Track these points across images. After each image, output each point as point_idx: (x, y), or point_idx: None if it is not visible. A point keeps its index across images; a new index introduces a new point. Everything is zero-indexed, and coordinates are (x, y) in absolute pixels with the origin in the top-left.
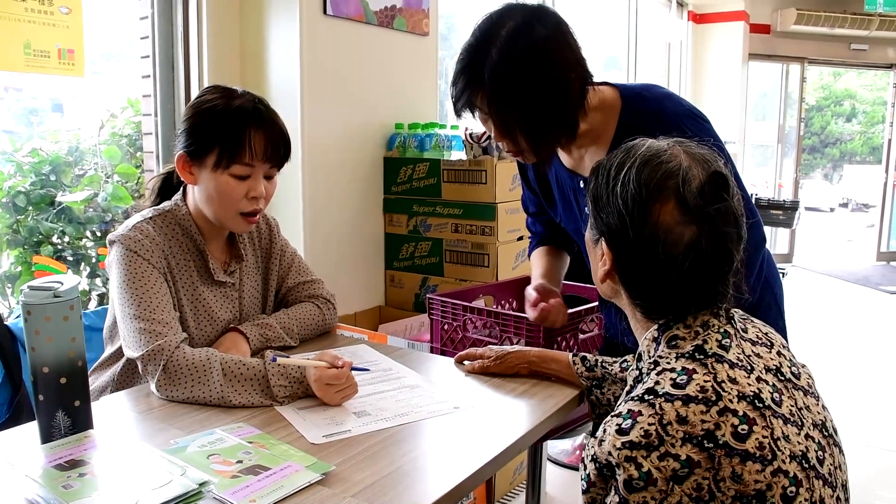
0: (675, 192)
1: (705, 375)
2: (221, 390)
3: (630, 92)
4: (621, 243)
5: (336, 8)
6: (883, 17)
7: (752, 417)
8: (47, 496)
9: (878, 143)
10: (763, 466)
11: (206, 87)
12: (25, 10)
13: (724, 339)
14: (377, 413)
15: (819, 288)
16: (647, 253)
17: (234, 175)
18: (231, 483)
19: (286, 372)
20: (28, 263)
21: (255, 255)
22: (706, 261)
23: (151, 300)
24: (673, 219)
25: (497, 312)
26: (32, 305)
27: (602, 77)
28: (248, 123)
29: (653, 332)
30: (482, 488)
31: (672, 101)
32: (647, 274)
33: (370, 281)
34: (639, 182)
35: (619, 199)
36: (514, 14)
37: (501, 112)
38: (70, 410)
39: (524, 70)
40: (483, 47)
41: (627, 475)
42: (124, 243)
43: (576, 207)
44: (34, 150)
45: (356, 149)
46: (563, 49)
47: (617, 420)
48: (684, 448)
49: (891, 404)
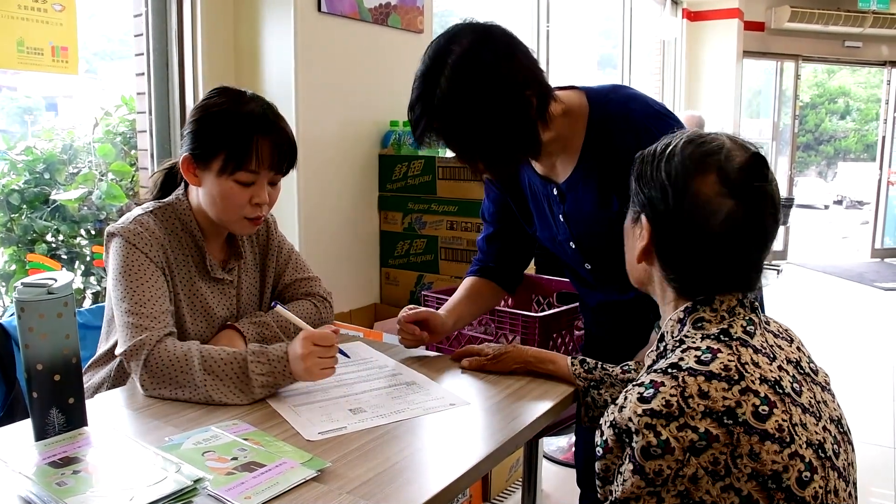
0: (716, 166)
1: (729, 356)
2: (204, 384)
3: (596, 95)
4: (661, 215)
5: (330, 5)
6: (876, 15)
7: (772, 400)
8: (41, 493)
9: (872, 141)
10: (781, 448)
11: (214, 88)
12: (19, 7)
13: (748, 325)
14: (373, 410)
15: (814, 285)
16: (686, 224)
17: (238, 181)
18: (226, 480)
19: (265, 352)
20: (22, 262)
21: (252, 253)
22: (742, 236)
23: (144, 294)
24: (713, 191)
25: (493, 310)
26: (26, 302)
27: (599, 77)
28: (255, 130)
29: (679, 313)
30: (478, 485)
31: (638, 102)
32: (684, 247)
33: (365, 278)
34: (683, 156)
35: (662, 173)
36: (462, 37)
37: (457, 139)
38: (64, 408)
39: (474, 96)
40: (433, 74)
41: (646, 441)
42: (123, 235)
43: (549, 215)
44: (28, 148)
45: (351, 146)
46: (515, 69)
47: (639, 389)
48: (703, 422)
49: (885, 401)
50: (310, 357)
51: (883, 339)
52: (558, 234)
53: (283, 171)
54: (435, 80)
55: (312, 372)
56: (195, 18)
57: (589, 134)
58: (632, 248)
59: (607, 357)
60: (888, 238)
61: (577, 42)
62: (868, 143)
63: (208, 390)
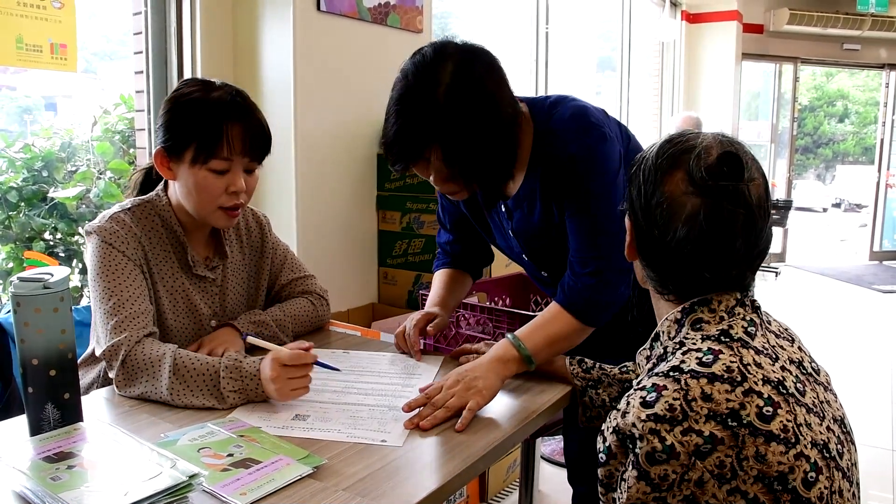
0: (686, 164)
1: (731, 357)
2: (170, 387)
3: (539, 108)
4: (636, 213)
5: (329, 4)
6: (875, 18)
7: (776, 401)
8: (35, 488)
9: (870, 144)
10: (787, 449)
11: (183, 80)
12: (18, 3)
13: (749, 326)
14: (318, 422)
15: (812, 287)
16: (655, 222)
17: (212, 170)
18: (222, 476)
19: (239, 368)
20: (20, 259)
21: (241, 253)
22: (708, 234)
23: (123, 293)
24: (678, 189)
25: (491, 309)
26: (22, 297)
27: (599, 79)
28: (225, 117)
29: (675, 313)
30: (475, 485)
31: (579, 113)
32: (655, 244)
33: (363, 278)
34: (658, 155)
35: (641, 173)
36: (449, 54)
37: (458, 158)
38: (60, 403)
39: (474, 113)
40: (426, 92)
41: (651, 447)
42: (100, 234)
43: (503, 226)
44: (26, 145)
45: (349, 145)
46: (501, 85)
47: (641, 393)
48: (708, 425)
49: (883, 403)
50: (279, 380)
51: (881, 342)
52: (513, 246)
53: (257, 158)
54: (429, 97)
55: (283, 393)
56: (194, 17)
57: (535, 145)
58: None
59: (597, 357)
60: (886, 241)
61: (576, 44)
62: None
63: (174, 395)
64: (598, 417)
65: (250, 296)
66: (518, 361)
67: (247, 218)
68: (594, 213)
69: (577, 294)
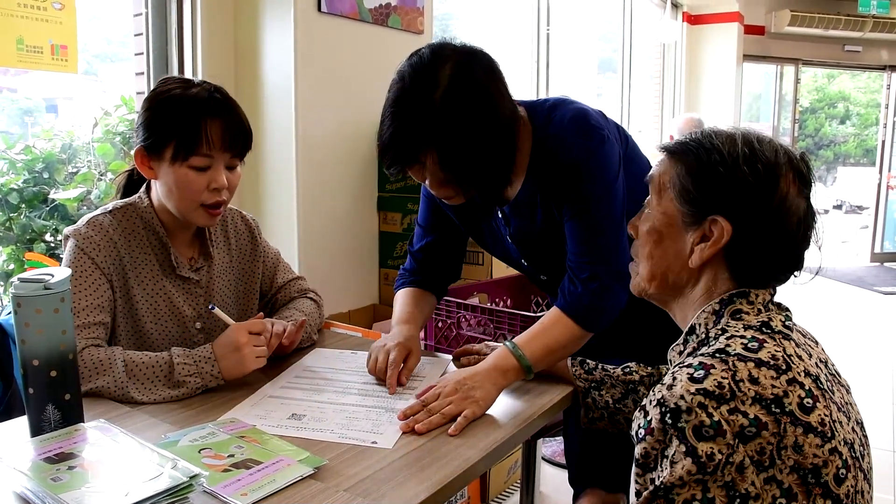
0: (791, 166)
1: (775, 346)
2: (125, 383)
3: (538, 112)
4: (746, 217)
5: (330, 5)
6: (876, 19)
7: (815, 394)
8: (36, 489)
9: (871, 146)
10: (823, 442)
11: (162, 78)
12: (18, 5)
13: (787, 321)
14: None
15: (813, 288)
16: (771, 223)
17: (193, 167)
18: (222, 476)
19: (190, 353)
20: (20, 261)
21: (229, 255)
22: (806, 235)
23: (79, 303)
24: (794, 190)
25: (491, 310)
26: (22, 297)
27: (600, 81)
28: (203, 113)
29: (713, 304)
30: (476, 487)
31: (578, 117)
32: (763, 246)
33: (364, 279)
34: (766, 157)
35: (746, 174)
36: (446, 56)
37: (454, 163)
38: (60, 404)
39: (471, 117)
40: (422, 94)
41: (699, 421)
42: (75, 238)
43: (497, 232)
44: (27, 147)
45: (350, 147)
46: (500, 88)
47: (688, 370)
48: (753, 408)
49: (885, 404)
50: (247, 345)
51: (883, 343)
52: (511, 252)
53: (238, 154)
54: (426, 99)
55: (249, 359)
56: (195, 17)
57: (534, 152)
58: (680, 256)
59: (596, 356)
60: (888, 242)
61: (577, 45)
62: (868, 147)
63: (129, 390)
64: (600, 419)
65: (240, 299)
66: (517, 371)
67: (234, 220)
68: (594, 216)
69: (578, 299)
